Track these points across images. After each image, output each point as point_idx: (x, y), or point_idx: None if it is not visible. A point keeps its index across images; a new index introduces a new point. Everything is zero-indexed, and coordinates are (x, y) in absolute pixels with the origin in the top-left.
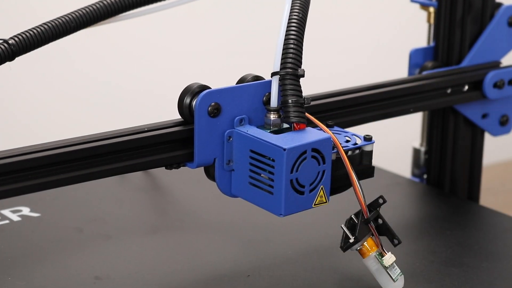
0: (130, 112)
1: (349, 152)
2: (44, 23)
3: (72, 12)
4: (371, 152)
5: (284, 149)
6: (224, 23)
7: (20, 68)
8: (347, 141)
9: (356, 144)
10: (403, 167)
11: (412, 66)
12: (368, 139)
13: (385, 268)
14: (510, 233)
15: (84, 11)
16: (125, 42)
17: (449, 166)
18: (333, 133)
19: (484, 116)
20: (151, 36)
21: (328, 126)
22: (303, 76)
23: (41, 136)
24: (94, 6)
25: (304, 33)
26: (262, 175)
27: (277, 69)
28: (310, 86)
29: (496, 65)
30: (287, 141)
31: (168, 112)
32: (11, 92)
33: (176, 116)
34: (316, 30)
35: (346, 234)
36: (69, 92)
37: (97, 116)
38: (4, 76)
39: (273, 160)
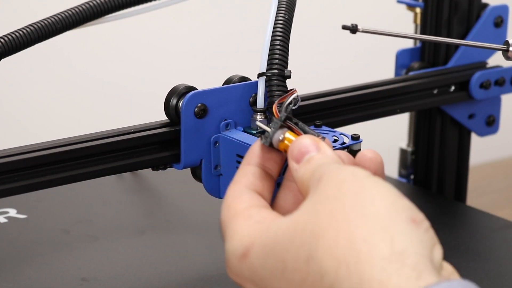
0: (114, 111)
1: None
2: (30, 25)
3: (58, 13)
4: (359, 151)
5: None
6: (211, 23)
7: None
8: (335, 141)
9: (344, 143)
10: (390, 167)
11: (398, 66)
12: (355, 138)
13: None
14: (497, 233)
15: (70, 12)
16: (111, 41)
17: (436, 166)
18: (320, 132)
19: (471, 116)
20: (137, 35)
21: (316, 126)
22: (289, 77)
23: (25, 136)
24: (80, 8)
25: (290, 34)
26: None
27: (264, 70)
28: (298, 87)
29: (482, 65)
30: None
31: (154, 111)
32: None
33: (162, 116)
34: (303, 31)
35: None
36: (55, 90)
37: (82, 115)
38: None
39: None
